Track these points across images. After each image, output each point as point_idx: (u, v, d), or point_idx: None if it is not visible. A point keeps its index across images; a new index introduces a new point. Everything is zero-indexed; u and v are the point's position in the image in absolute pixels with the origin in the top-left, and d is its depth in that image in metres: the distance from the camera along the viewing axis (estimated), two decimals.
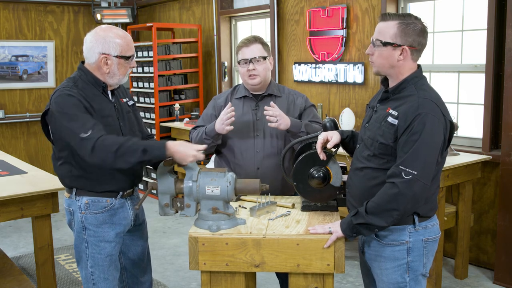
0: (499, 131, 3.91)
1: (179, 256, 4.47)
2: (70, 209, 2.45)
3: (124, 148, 2.19)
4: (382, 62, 2.07)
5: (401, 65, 2.06)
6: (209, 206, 2.21)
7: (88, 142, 2.20)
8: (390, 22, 2.04)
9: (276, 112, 2.58)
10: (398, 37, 2.02)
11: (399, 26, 2.02)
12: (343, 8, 4.76)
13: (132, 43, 2.42)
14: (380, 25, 2.07)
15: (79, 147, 2.24)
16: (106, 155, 2.19)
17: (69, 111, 2.25)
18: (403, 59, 2.04)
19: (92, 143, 2.19)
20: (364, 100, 4.72)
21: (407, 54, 2.04)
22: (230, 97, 2.83)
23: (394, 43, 2.03)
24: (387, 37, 2.03)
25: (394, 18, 2.04)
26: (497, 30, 3.78)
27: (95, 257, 2.43)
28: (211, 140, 2.68)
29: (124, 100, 2.54)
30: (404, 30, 2.02)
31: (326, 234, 2.09)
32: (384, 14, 2.07)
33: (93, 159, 2.22)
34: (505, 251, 3.74)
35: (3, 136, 7.04)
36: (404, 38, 2.02)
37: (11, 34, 7.00)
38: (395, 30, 2.02)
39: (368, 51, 2.12)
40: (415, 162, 1.94)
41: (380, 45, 2.05)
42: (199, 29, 6.45)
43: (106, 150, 2.19)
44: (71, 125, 2.24)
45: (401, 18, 2.03)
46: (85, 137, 2.20)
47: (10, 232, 5.19)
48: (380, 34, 2.05)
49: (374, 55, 2.09)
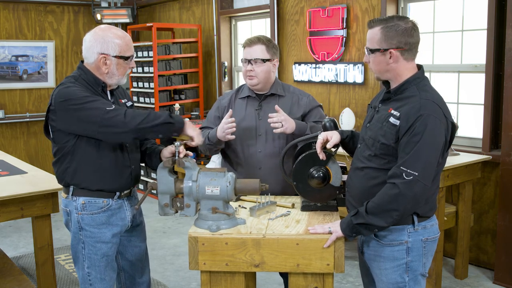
0: (499, 131, 3.90)
1: (179, 256, 4.47)
2: (67, 209, 2.44)
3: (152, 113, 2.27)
4: (377, 68, 2.11)
5: (395, 68, 2.07)
6: (209, 206, 2.21)
7: (119, 111, 2.23)
8: (375, 29, 2.07)
9: (281, 117, 2.58)
10: (382, 42, 2.04)
11: (382, 31, 2.04)
12: (343, 8, 4.76)
13: (131, 43, 2.42)
14: (368, 33, 2.12)
15: (107, 121, 2.22)
16: (139, 118, 2.23)
17: (80, 95, 2.26)
18: (394, 62, 2.06)
19: (123, 111, 2.23)
20: (364, 100, 4.72)
21: (396, 56, 2.05)
22: (234, 97, 2.84)
23: (380, 48, 2.05)
24: (374, 43, 2.07)
25: (377, 24, 2.06)
26: (497, 30, 3.78)
27: (92, 258, 2.42)
28: (214, 145, 2.70)
29: (123, 101, 2.54)
30: (386, 34, 2.03)
31: (325, 234, 2.09)
32: (369, 22, 2.11)
33: (129, 125, 2.23)
34: (505, 251, 3.74)
35: (3, 136, 7.05)
36: (388, 42, 2.04)
37: (11, 34, 7.00)
38: (379, 35, 2.05)
39: (365, 59, 2.17)
40: (416, 163, 1.95)
41: (370, 53, 2.10)
42: (199, 29, 6.45)
43: (137, 115, 2.24)
44: (92, 105, 2.24)
45: (383, 23, 2.05)
46: (112, 108, 2.24)
47: (10, 232, 5.19)
48: (369, 42, 2.10)
49: (370, 63, 2.13)
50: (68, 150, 2.35)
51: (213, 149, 2.75)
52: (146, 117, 2.24)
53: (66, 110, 2.26)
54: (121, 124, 2.23)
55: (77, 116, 2.25)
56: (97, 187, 2.39)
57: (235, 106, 2.80)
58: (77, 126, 2.29)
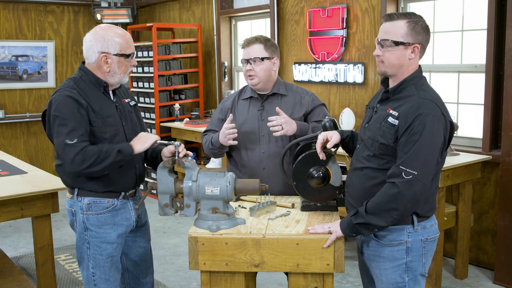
0: (499, 131, 3.90)
1: (179, 256, 4.47)
2: (72, 210, 2.44)
3: (102, 153, 2.25)
4: (395, 61, 2.05)
5: (410, 64, 2.06)
6: (209, 206, 2.21)
7: (71, 150, 2.23)
8: (398, 22, 2.03)
9: (281, 120, 2.58)
10: (409, 36, 2.02)
11: (408, 25, 2.02)
12: (343, 8, 4.76)
13: (131, 41, 2.41)
14: (386, 25, 2.06)
15: (61, 152, 2.26)
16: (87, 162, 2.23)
17: (62, 114, 2.27)
18: (414, 58, 2.05)
19: (75, 152, 2.22)
20: (364, 100, 4.72)
21: (417, 52, 2.05)
22: (237, 99, 2.83)
23: (406, 42, 2.02)
24: (398, 36, 2.02)
25: (401, 18, 2.03)
26: (497, 30, 3.78)
27: (97, 258, 2.42)
28: (218, 149, 2.71)
29: (126, 100, 2.54)
30: (414, 28, 2.02)
31: (325, 233, 2.09)
32: (389, 14, 2.07)
33: (72, 168, 2.25)
34: (505, 251, 3.74)
35: (3, 136, 7.05)
36: (414, 37, 2.02)
37: (11, 34, 7.01)
38: (405, 29, 2.02)
39: (376, 52, 2.09)
40: (415, 162, 1.95)
41: (392, 45, 2.03)
42: (199, 29, 6.45)
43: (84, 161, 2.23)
44: (60, 129, 2.26)
45: (408, 17, 2.03)
46: (70, 144, 2.23)
47: (10, 232, 5.19)
48: (389, 34, 2.04)
49: (383, 56, 2.06)
50: None
51: (217, 153, 2.76)
52: (95, 160, 2.24)
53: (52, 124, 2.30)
54: (68, 163, 2.25)
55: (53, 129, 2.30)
56: (102, 188, 2.38)
57: (238, 108, 2.80)
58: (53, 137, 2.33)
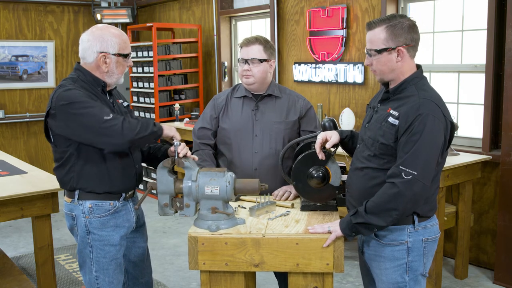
0: (499, 131, 3.90)
1: (179, 256, 4.47)
2: (72, 214, 2.39)
3: (143, 123, 2.27)
4: (382, 68, 2.08)
5: (400, 66, 2.06)
6: (209, 206, 2.20)
7: (116, 121, 2.21)
8: (377, 29, 2.05)
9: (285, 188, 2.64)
10: (389, 41, 2.03)
11: (387, 30, 2.03)
12: (343, 8, 4.76)
13: (128, 41, 2.41)
14: (369, 35, 2.09)
15: (104, 130, 2.20)
16: (135, 129, 2.23)
17: (81, 99, 2.23)
18: (401, 60, 2.05)
19: (120, 121, 2.21)
20: (364, 100, 4.72)
21: (403, 54, 2.05)
22: (230, 96, 2.82)
23: (388, 47, 2.04)
24: (379, 43, 2.05)
25: (379, 24, 2.05)
26: (497, 30, 3.78)
27: (100, 261, 2.39)
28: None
29: (120, 101, 2.53)
30: (393, 32, 2.03)
31: (325, 233, 2.09)
32: (369, 23, 2.09)
33: (126, 136, 2.22)
34: (505, 251, 3.74)
35: (3, 136, 7.05)
36: (395, 40, 2.03)
37: (11, 34, 7.01)
38: (384, 34, 2.03)
39: (366, 62, 2.13)
40: (415, 162, 1.95)
41: (375, 54, 2.07)
42: (199, 29, 6.45)
43: (133, 125, 2.23)
44: (90, 111, 2.21)
45: (386, 22, 2.04)
46: (110, 118, 2.21)
47: (10, 232, 5.19)
48: (371, 43, 2.07)
49: (373, 65, 2.10)
50: (71, 154, 2.31)
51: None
52: (140, 128, 2.25)
53: (66, 114, 2.22)
54: (118, 135, 2.21)
55: (76, 122, 2.22)
56: (103, 189, 2.35)
57: (231, 105, 2.79)
58: (74, 132, 2.25)
